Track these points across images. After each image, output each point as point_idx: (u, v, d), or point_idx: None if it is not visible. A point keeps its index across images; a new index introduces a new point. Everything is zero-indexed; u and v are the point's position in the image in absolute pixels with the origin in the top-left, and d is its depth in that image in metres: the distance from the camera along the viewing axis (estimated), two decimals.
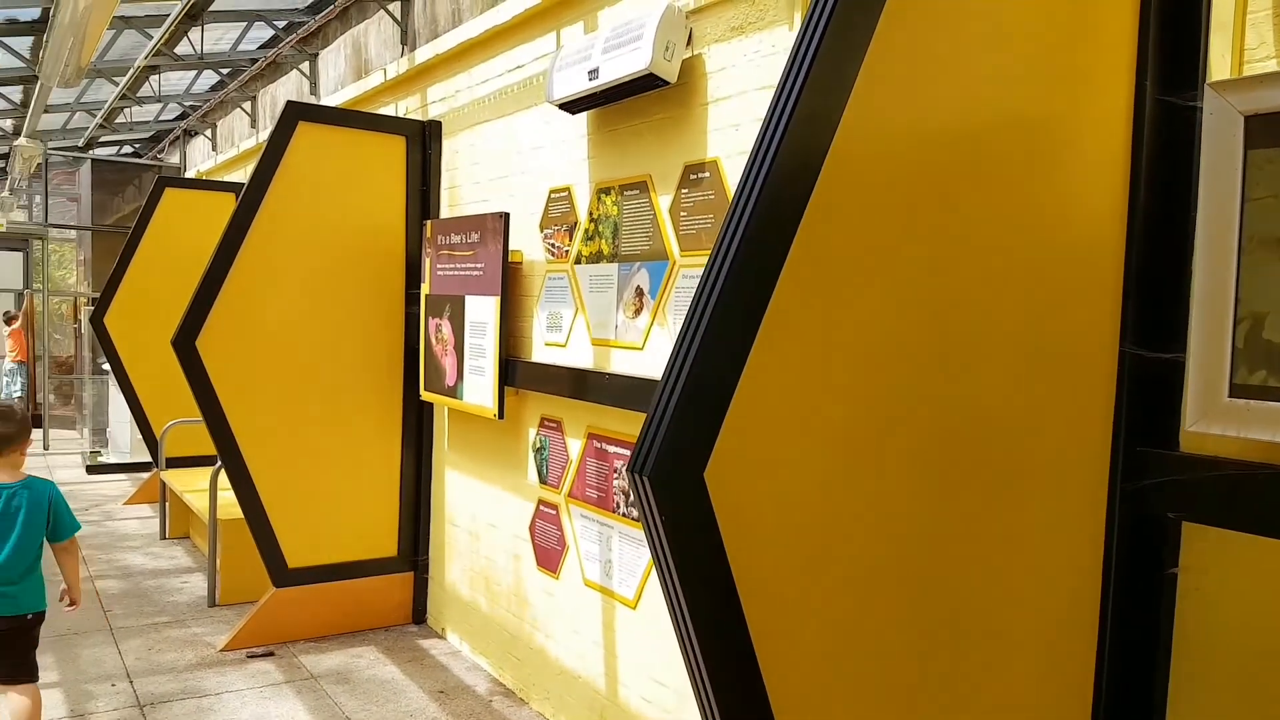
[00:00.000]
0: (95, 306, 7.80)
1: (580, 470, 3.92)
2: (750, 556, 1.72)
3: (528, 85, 4.30)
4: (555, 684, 4.11)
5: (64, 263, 14.75)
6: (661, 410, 1.63)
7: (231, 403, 4.78)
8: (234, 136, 9.79)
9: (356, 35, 6.50)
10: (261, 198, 4.80)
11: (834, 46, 1.76)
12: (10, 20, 6.82)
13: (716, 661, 1.71)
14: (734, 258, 1.68)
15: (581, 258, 3.91)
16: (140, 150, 13.43)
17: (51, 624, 5.15)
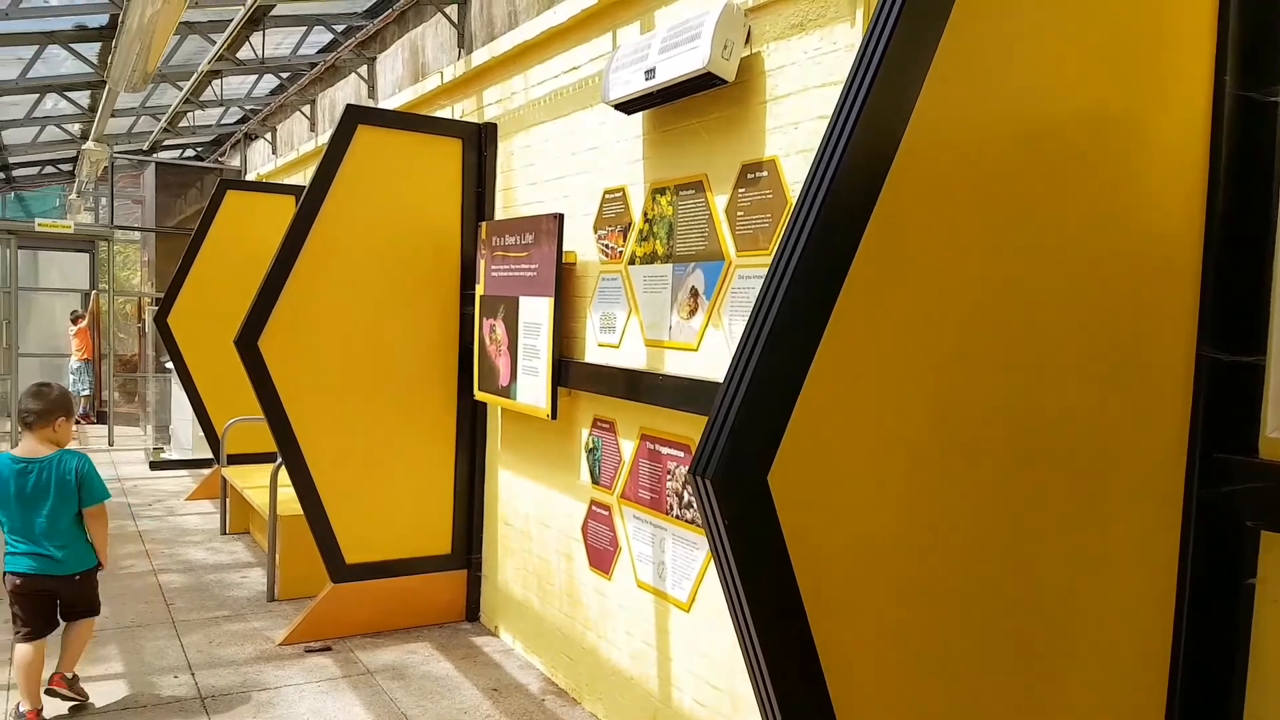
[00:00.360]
0: (159, 306, 8.00)
1: (633, 471, 3.91)
2: (814, 561, 1.70)
3: (583, 86, 4.31)
4: (608, 685, 4.11)
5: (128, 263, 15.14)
6: (724, 412, 1.61)
7: (292, 401, 4.86)
8: (293, 140, 9.97)
9: (414, 38, 6.57)
10: (322, 200, 4.87)
11: (904, 41, 1.73)
12: (79, 27, 7.03)
13: (779, 666, 1.69)
14: (799, 258, 1.65)
15: (635, 258, 3.91)
16: (202, 153, 13.75)
17: (117, 616, 5.31)
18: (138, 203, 13.87)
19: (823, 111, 3.04)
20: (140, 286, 13.70)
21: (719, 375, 3.38)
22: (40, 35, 7.03)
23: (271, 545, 5.73)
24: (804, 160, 3.10)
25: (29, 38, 7.04)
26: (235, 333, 4.77)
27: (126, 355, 13.55)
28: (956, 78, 1.79)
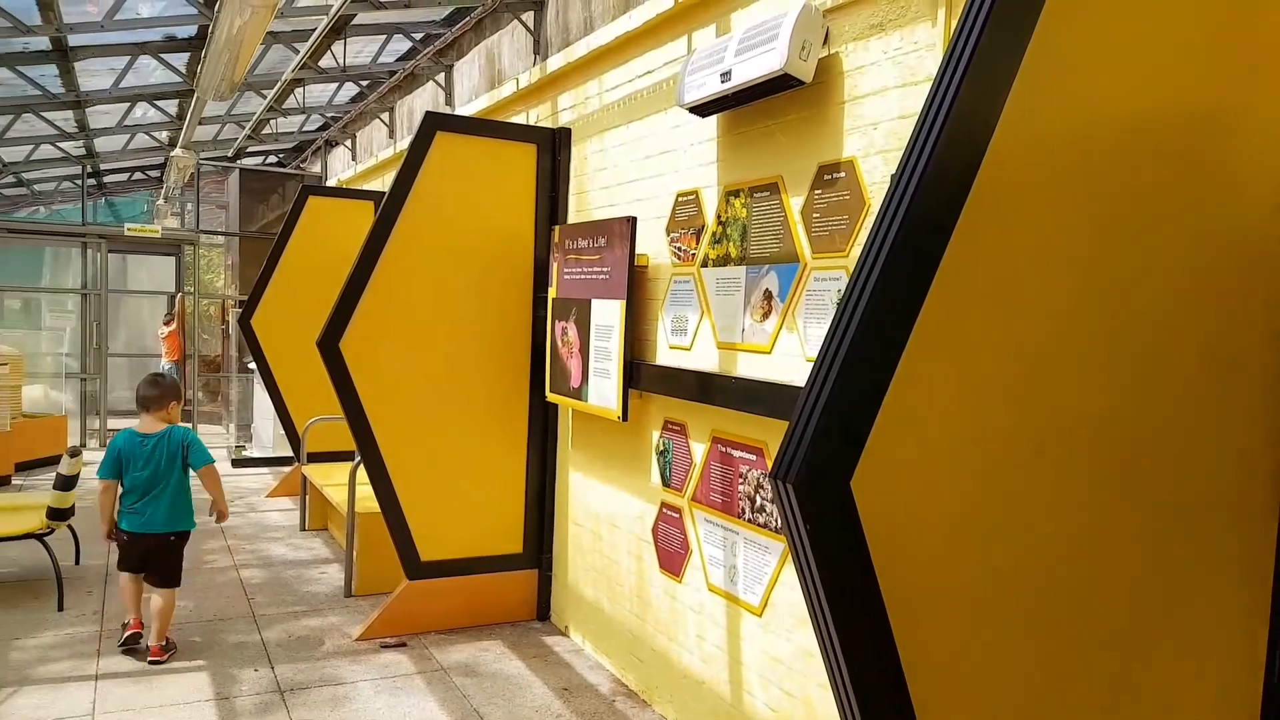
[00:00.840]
0: (243, 309, 8.26)
1: (704, 474, 3.91)
2: (897, 566, 1.67)
3: (657, 90, 4.32)
4: (679, 688, 4.11)
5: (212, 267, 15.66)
6: (806, 417, 1.60)
7: (371, 401, 4.97)
8: (372, 146, 10.20)
9: (490, 46, 6.67)
10: (401, 205, 4.98)
11: (993, 41, 1.70)
12: (169, 37, 7.30)
13: (861, 670, 1.67)
14: (885, 261, 1.63)
15: (708, 261, 3.90)
16: (284, 160, 14.15)
17: (200, 610, 5.49)
18: (222, 208, 14.36)
19: (903, 112, 3.00)
20: (224, 289, 14.18)
21: (792, 378, 3.36)
22: (132, 46, 7.32)
23: (349, 542, 5.86)
24: (883, 161, 3.06)
25: (121, 49, 7.34)
26: (317, 334, 4.90)
27: (210, 356, 14.02)
28: (1047, 75, 1.75)
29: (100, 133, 10.18)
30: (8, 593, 5.69)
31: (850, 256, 3.15)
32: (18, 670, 4.50)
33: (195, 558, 6.60)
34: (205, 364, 13.65)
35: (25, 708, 4.10)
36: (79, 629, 5.11)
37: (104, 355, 11.73)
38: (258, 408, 10.58)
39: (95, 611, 5.40)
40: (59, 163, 11.45)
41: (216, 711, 4.14)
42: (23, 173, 11.57)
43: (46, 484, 8.39)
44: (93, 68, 7.77)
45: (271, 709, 4.19)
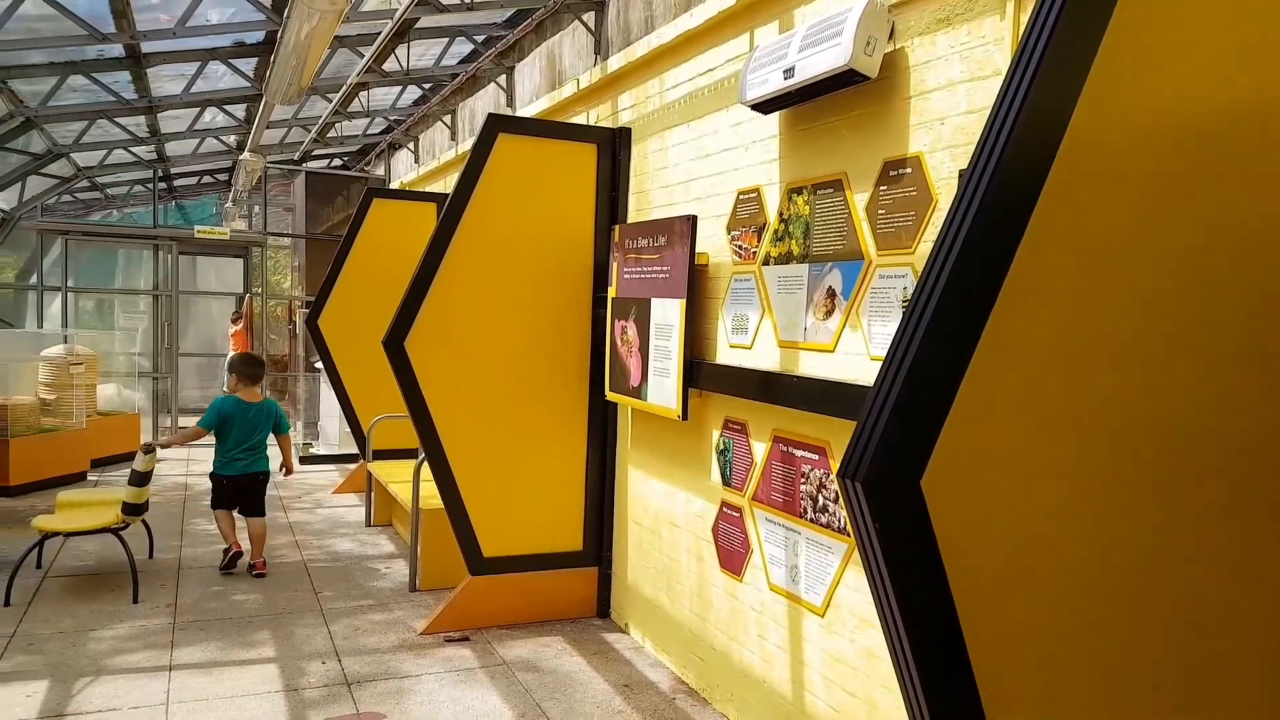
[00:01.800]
0: (310, 309, 8.44)
1: (765, 473, 3.89)
2: (967, 566, 1.65)
3: (718, 88, 4.31)
4: (739, 687, 4.09)
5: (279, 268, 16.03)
6: (875, 415, 1.58)
7: (435, 400, 5.05)
8: (434, 149, 10.35)
9: (551, 47, 6.73)
10: (464, 207, 5.04)
11: (1068, 32, 1.67)
12: (238, 43, 7.48)
13: (930, 671, 1.65)
14: (957, 257, 1.61)
15: (770, 259, 3.88)
16: (348, 163, 14.43)
17: (270, 603, 5.63)
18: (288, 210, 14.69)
19: (970, 107, 2.95)
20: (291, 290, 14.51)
21: (856, 377, 3.32)
22: (202, 52, 7.53)
23: (414, 538, 5.95)
24: (950, 156, 3.02)
25: (192, 55, 7.55)
26: (382, 334, 4.99)
27: (278, 355, 14.35)
28: (1122, 70, 1.71)
29: (171, 137, 10.49)
30: (84, 585, 5.90)
31: (917, 253, 3.10)
32: (94, 660, 4.66)
33: (265, 551, 6.76)
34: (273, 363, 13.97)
35: (102, 696, 4.24)
36: (153, 621, 5.27)
37: (175, 354, 12.08)
38: (324, 406, 10.80)
39: (168, 604, 5.57)
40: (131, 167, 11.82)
41: (286, 702, 4.24)
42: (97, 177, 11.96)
43: (120, 480, 8.68)
44: (164, 73, 8.01)
45: (339, 700, 4.28)
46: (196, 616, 5.36)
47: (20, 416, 8.53)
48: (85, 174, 11.41)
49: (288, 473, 6.62)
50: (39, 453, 8.70)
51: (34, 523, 5.73)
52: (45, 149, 9.33)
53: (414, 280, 5.01)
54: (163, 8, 6.50)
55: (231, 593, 5.82)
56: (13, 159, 9.19)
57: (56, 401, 9.27)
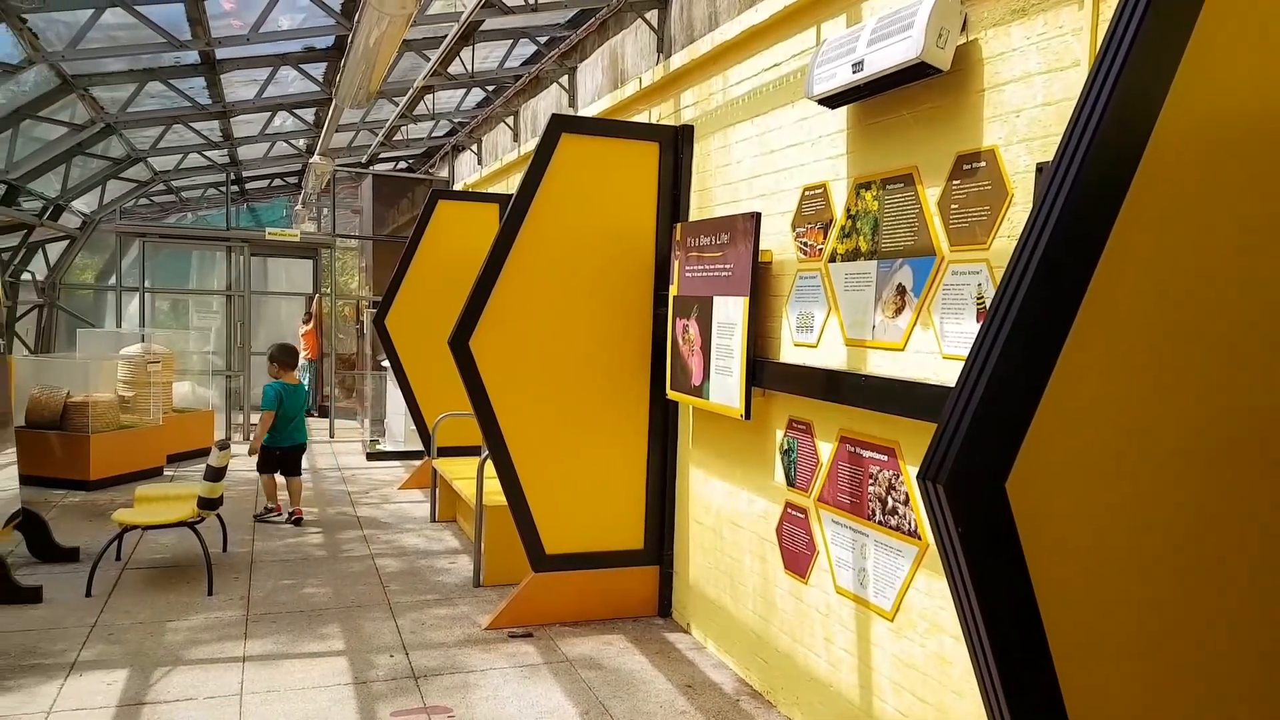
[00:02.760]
0: (377, 309, 8.59)
1: (831, 474, 3.83)
2: (1052, 569, 1.60)
3: (783, 83, 4.26)
4: (805, 690, 4.04)
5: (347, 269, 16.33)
6: (958, 416, 1.54)
7: (498, 398, 5.09)
8: (497, 150, 10.45)
9: (614, 46, 6.73)
10: (527, 207, 5.07)
11: (1157, 21, 1.61)
12: (308, 48, 7.63)
13: (1013, 675, 1.60)
14: (1042, 255, 1.56)
15: (836, 255, 3.82)
16: (413, 165, 14.65)
17: (339, 597, 5.73)
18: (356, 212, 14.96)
19: (1047, 99, 2.87)
20: (358, 290, 14.78)
21: (927, 376, 3.26)
22: (274, 58, 7.70)
23: (478, 534, 6.01)
24: (1026, 149, 2.94)
25: (264, 60, 7.73)
26: (446, 333, 5.04)
27: (346, 354, 14.63)
28: (1213, 61, 1.65)
29: (243, 141, 10.75)
30: (161, 577, 6.07)
31: (991, 249, 3.03)
32: (171, 651, 4.79)
33: (334, 546, 6.91)
34: (341, 362, 14.25)
35: (179, 686, 4.36)
36: (226, 613, 5.41)
37: (247, 353, 12.39)
38: (390, 404, 10.98)
39: (242, 597, 5.70)
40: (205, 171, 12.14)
41: (354, 694, 4.31)
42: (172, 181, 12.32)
43: (194, 475, 8.93)
44: (237, 79, 8.21)
45: (406, 693, 4.33)
46: (268, 609, 5.48)
47: (100, 413, 8.83)
48: (161, 178, 11.76)
49: (318, 396, 9.23)
50: (118, 448, 9.00)
51: (114, 516, 5.93)
52: (124, 154, 9.64)
53: (478, 280, 5.05)
54: (236, 14, 6.66)
55: (302, 586, 5.95)
56: (94, 164, 9.51)
57: (134, 399, 9.58)
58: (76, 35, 6.02)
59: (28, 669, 4.50)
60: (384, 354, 9.07)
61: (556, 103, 8.15)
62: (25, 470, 7.10)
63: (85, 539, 6.68)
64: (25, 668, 4.51)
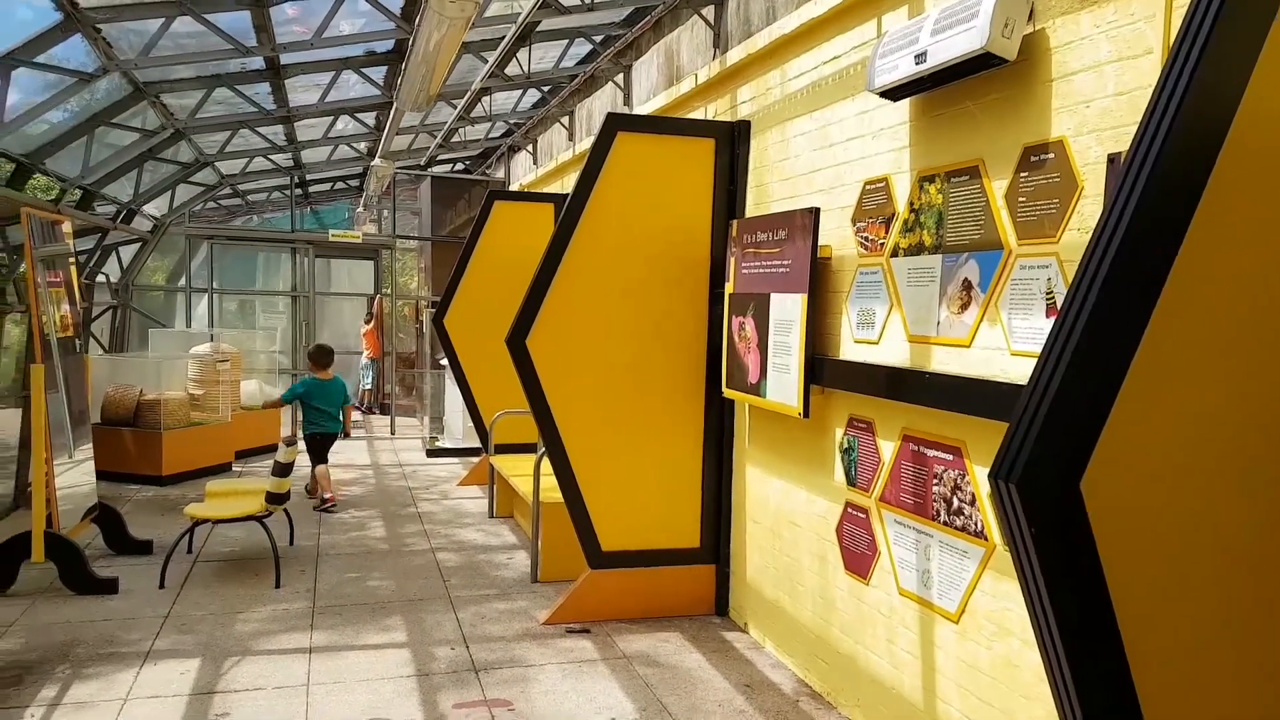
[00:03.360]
0: (436, 309, 8.70)
1: (893, 473, 3.78)
2: (1128, 571, 1.56)
3: (842, 77, 4.21)
4: (866, 692, 3.99)
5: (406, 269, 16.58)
6: (1031, 414, 1.51)
7: (555, 396, 5.12)
8: (552, 150, 10.51)
9: (669, 43, 6.72)
10: (583, 206, 5.09)
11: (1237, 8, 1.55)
12: (369, 52, 7.76)
13: (1087, 680, 1.56)
14: (1118, 249, 1.51)
15: (899, 250, 3.76)
16: (470, 166, 14.81)
17: (401, 590, 5.82)
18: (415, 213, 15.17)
19: (1119, 88, 2.79)
20: (418, 290, 14.99)
21: (994, 373, 3.19)
22: (336, 62, 7.85)
23: (535, 530, 6.06)
24: (1096, 140, 2.86)
25: (327, 65, 7.87)
26: (504, 332, 5.08)
27: (406, 353, 14.85)
28: None
29: (306, 145, 10.97)
30: (231, 570, 6.23)
31: (1061, 243, 2.95)
32: (241, 642, 4.91)
33: (396, 540, 7.02)
34: (401, 360, 14.47)
35: (248, 676, 4.47)
36: (294, 605, 5.53)
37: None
38: (449, 401, 11.11)
39: (308, 589, 5.82)
40: (270, 174, 12.42)
41: (417, 686, 4.37)
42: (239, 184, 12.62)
43: (261, 470, 9.15)
44: (300, 84, 8.38)
45: (467, 685, 4.38)
46: (333, 601, 5.59)
47: (171, 411, 9.09)
48: (228, 181, 12.06)
49: (346, 435, 9.57)
50: (188, 445, 9.26)
51: (186, 510, 6.10)
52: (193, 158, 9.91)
53: (535, 279, 5.08)
54: (299, 20, 6.80)
55: (365, 579, 6.05)
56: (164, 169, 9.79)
57: (204, 397, 9.85)
58: (148, 44, 6.20)
59: (105, 657, 4.65)
60: (443, 352, 9.18)
61: (611, 101, 8.17)
62: (101, 466, 7.33)
63: (158, 532, 6.88)
64: (103, 656, 4.67)
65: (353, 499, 8.54)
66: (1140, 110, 2.72)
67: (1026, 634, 3.07)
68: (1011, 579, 3.13)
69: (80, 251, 9.76)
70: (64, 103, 6.31)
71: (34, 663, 4.57)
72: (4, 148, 6.34)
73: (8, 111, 5.62)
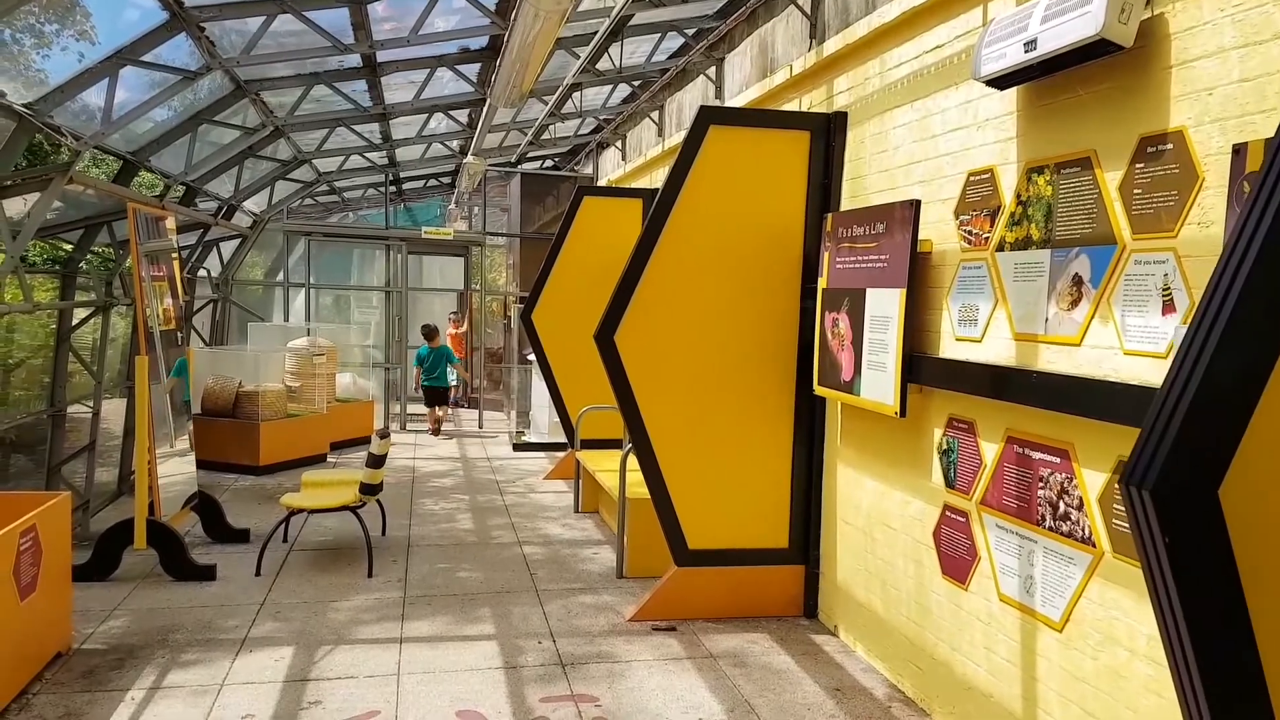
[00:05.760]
0: (524, 304, 8.78)
1: (996, 476, 3.64)
2: (1268, 583, 1.44)
3: (946, 66, 4.08)
4: (962, 700, 3.86)
5: (495, 266, 16.81)
6: (1165, 419, 1.41)
7: (642, 392, 5.10)
8: (641, 145, 10.50)
9: (763, 34, 6.63)
10: (674, 201, 5.06)
11: None
12: (463, 49, 7.85)
13: (1221, 697, 1.46)
14: (1261, 245, 1.40)
15: (1005, 244, 3.62)
16: (559, 163, 14.92)
17: (489, 582, 5.89)
18: (504, 210, 15.37)
19: (1244, 75, 2.62)
20: (506, 286, 15.19)
21: (1106, 373, 3.04)
22: (430, 60, 7.97)
23: (621, 526, 6.05)
24: (1219, 130, 2.69)
25: (422, 62, 8.00)
26: (590, 328, 5.09)
27: (494, 348, 15.06)
28: None
29: (401, 143, 11.19)
30: (325, 559, 6.39)
31: (1179, 237, 2.79)
32: (335, 630, 5.03)
33: (484, 532, 7.12)
34: (489, 356, 14.67)
35: (342, 664, 4.57)
36: (385, 594, 5.64)
37: (404, 347, 12.93)
38: (535, 396, 11.23)
39: (399, 579, 5.94)
40: (365, 172, 12.70)
41: (505, 679, 4.41)
42: (335, 182, 12.95)
43: (355, 461, 9.38)
44: (395, 81, 8.54)
45: (554, 680, 4.40)
46: (424, 591, 5.69)
47: (270, 403, 9.39)
48: (325, 179, 12.39)
49: (468, 389, 13.91)
50: (285, 436, 9.55)
51: (282, 500, 6.28)
52: (291, 156, 10.20)
53: (624, 274, 5.07)
54: (395, 17, 6.92)
55: (455, 570, 6.15)
56: (263, 166, 10.10)
57: (301, 389, 10.15)
58: (249, 42, 6.39)
59: (203, 643, 4.82)
60: (530, 348, 9.26)
61: (702, 95, 8.11)
62: (201, 455, 7.62)
63: (255, 521, 7.11)
64: (201, 642, 4.83)
65: (442, 490, 8.69)
66: (1268, 98, 2.55)
67: (1134, 644, 2.93)
68: (1120, 587, 2.98)
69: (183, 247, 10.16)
70: (168, 101, 6.54)
71: (135, 646, 4.76)
72: (112, 145, 6.61)
73: (115, 109, 5.85)
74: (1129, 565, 2.95)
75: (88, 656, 4.61)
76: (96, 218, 7.10)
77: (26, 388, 8.48)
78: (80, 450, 7.41)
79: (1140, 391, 2.84)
